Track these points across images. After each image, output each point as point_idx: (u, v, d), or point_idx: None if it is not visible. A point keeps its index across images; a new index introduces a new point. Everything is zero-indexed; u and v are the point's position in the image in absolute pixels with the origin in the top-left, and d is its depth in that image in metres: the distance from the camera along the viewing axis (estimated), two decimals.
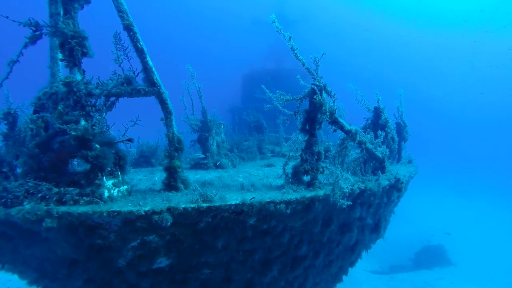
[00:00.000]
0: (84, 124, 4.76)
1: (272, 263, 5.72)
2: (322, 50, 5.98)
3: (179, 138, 5.50)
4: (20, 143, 7.29)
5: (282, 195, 5.01)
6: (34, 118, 6.19)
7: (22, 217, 3.99)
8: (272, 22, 5.40)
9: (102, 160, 4.54)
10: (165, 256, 4.90)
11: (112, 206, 4.18)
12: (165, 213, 4.14)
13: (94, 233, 4.29)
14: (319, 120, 5.80)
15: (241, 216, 4.69)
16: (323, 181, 5.91)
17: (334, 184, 5.43)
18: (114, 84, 4.99)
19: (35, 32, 4.69)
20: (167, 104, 5.38)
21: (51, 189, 4.38)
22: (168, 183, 5.41)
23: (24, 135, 7.32)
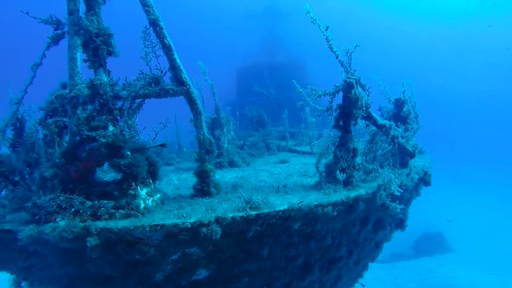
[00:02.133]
0: (113, 129, 4.37)
1: (311, 267, 5.45)
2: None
3: (210, 140, 5.15)
4: (29, 150, 6.85)
5: (327, 197, 4.73)
6: (49, 123, 5.77)
7: (58, 235, 3.61)
8: (306, 13, 5.04)
9: (135, 169, 4.17)
10: (204, 268, 4.58)
11: (153, 219, 3.83)
12: (214, 225, 3.81)
13: (134, 249, 3.94)
14: (355, 115, 5.51)
15: (287, 221, 4.39)
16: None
17: (384, 186, 5.14)
18: (142, 85, 4.59)
19: (56, 30, 4.25)
20: (197, 104, 5.01)
21: (84, 202, 4.00)
22: (200, 188, 5.08)
23: (33, 141, 6.90)
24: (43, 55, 4.60)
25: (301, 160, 10.78)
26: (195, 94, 4.96)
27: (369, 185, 5.72)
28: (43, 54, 4.58)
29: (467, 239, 27.71)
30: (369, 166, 5.78)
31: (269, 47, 35.15)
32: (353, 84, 5.34)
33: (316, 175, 6.83)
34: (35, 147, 6.88)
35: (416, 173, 6.79)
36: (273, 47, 34.98)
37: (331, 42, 5.52)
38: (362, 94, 5.50)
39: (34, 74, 4.84)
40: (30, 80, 4.86)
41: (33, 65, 4.74)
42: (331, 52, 5.65)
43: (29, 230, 3.67)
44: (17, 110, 5.33)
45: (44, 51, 4.55)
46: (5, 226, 3.96)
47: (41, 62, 4.73)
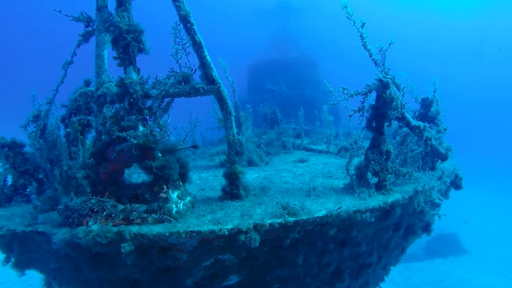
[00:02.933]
0: (143, 130, 4.20)
1: (342, 274, 5.26)
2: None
3: (240, 141, 4.97)
4: (50, 147, 6.76)
5: (364, 202, 4.52)
6: (73, 121, 5.65)
7: (92, 240, 3.47)
8: (343, 7, 4.81)
9: (167, 171, 4.00)
10: (236, 274, 4.41)
11: (188, 225, 3.67)
12: (253, 232, 3.62)
13: (167, 255, 3.78)
14: (389, 116, 5.27)
15: (323, 227, 4.20)
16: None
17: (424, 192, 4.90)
18: (172, 83, 4.42)
19: (87, 28, 4.09)
20: (227, 103, 4.83)
21: (116, 206, 3.85)
22: (230, 191, 4.90)
23: (55, 138, 6.80)
24: (74, 53, 4.46)
25: (320, 160, 10.56)
26: (225, 93, 4.78)
27: (401, 188, 5.49)
28: (74, 52, 4.45)
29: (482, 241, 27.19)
30: (402, 169, 5.54)
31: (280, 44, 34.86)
32: (388, 84, 5.10)
33: (342, 177, 6.66)
34: (57, 144, 6.80)
35: (447, 176, 6.53)
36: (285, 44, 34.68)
37: (365, 40, 5.29)
38: (397, 94, 5.25)
39: (65, 72, 4.71)
40: (61, 79, 4.73)
41: (65, 64, 4.61)
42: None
43: (63, 233, 3.54)
44: (49, 110, 5.19)
45: (75, 49, 4.40)
46: (38, 228, 3.83)
47: (72, 60, 4.59)
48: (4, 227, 3.89)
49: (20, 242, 4.01)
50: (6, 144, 5.97)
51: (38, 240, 3.94)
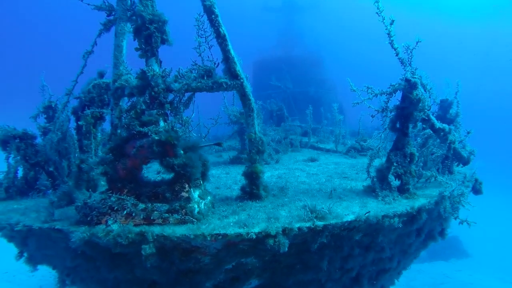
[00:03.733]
0: (164, 125, 4.02)
1: (362, 278, 5.10)
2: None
3: (261, 139, 4.79)
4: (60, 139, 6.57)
5: (391, 207, 4.34)
6: (87, 114, 5.47)
7: (113, 240, 3.30)
8: (374, 2, 4.61)
9: (190, 169, 3.82)
10: (257, 277, 4.25)
11: (214, 227, 3.49)
12: (281, 236, 3.45)
13: (190, 257, 3.62)
14: (415, 118, 5.08)
15: (350, 232, 4.03)
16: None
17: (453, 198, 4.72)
18: (195, 77, 4.23)
19: (109, 16, 3.89)
20: (250, 99, 4.64)
21: (137, 204, 3.67)
22: (250, 191, 4.73)
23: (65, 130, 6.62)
24: (94, 43, 4.27)
25: (330, 159, 10.39)
26: (248, 89, 4.60)
27: (423, 192, 5.32)
28: (95, 42, 4.25)
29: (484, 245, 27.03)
30: (426, 172, 5.36)
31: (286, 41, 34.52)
32: (416, 85, 4.90)
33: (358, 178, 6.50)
34: (66, 137, 6.63)
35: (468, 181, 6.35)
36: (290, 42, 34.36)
37: (393, 38, 5.08)
38: (425, 95, 5.06)
39: (85, 63, 4.52)
40: (81, 70, 4.54)
41: (85, 54, 4.42)
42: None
43: (82, 232, 3.37)
44: (68, 101, 5.01)
45: (96, 39, 4.21)
46: (56, 225, 3.66)
47: (92, 50, 4.40)
48: (21, 223, 3.72)
49: (37, 238, 3.85)
50: (18, 135, 5.79)
51: (55, 237, 3.77)
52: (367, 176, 5.50)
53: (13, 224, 3.76)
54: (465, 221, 4.74)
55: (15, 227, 3.70)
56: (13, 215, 4.12)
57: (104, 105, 5.89)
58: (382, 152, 5.85)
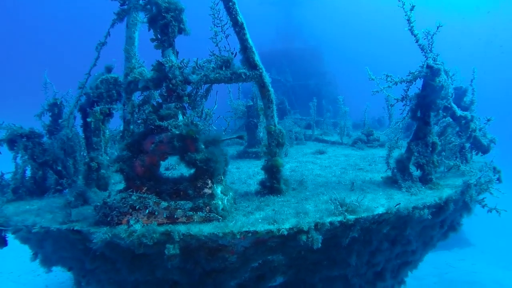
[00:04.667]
0: (183, 119, 3.84)
1: (385, 272, 4.98)
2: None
3: (281, 131, 4.61)
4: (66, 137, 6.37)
5: (420, 198, 4.20)
6: (96, 110, 5.27)
7: (137, 240, 3.13)
8: None
9: (213, 164, 3.65)
10: (282, 274, 4.10)
11: (242, 224, 3.33)
12: (313, 232, 3.30)
13: (217, 257, 3.46)
14: (438, 106, 4.93)
15: (380, 225, 3.88)
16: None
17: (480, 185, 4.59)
18: (213, 68, 4.04)
19: (122, 6, 3.69)
20: (269, 90, 4.46)
21: (159, 203, 3.50)
22: (270, 185, 4.57)
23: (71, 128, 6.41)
24: (108, 34, 4.06)
25: (338, 151, 10.26)
26: (267, 79, 4.41)
27: (444, 182, 5.19)
28: (108, 32, 4.05)
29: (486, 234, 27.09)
30: (449, 162, 5.22)
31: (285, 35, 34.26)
32: (439, 71, 4.74)
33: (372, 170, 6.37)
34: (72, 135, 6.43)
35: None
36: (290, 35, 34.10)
37: (413, 24, 4.89)
38: (448, 82, 4.90)
39: (98, 55, 4.31)
40: (94, 62, 4.33)
41: (98, 45, 4.21)
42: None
43: (104, 233, 3.19)
44: (81, 94, 4.80)
45: (109, 29, 4.00)
46: (75, 226, 3.48)
47: (105, 41, 4.19)
48: (37, 224, 3.54)
49: (53, 240, 3.67)
50: (25, 134, 5.59)
51: (73, 239, 3.60)
52: (386, 167, 5.37)
53: (30, 226, 3.58)
54: (494, 209, 4.60)
55: (32, 229, 3.52)
56: (28, 216, 3.94)
57: (113, 101, 5.69)
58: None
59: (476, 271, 21.14)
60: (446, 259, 23.18)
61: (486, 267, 21.89)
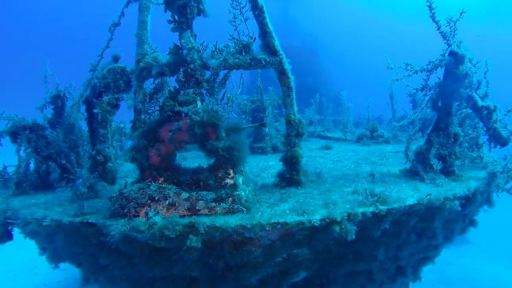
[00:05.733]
0: (202, 106, 3.62)
1: (407, 267, 4.80)
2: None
3: (300, 121, 4.41)
4: (67, 131, 6.13)
5: (449, 189, 4.03)
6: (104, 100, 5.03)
7: (159, 233, 2.91)
8: None
9: (236, 153, 3.44)
10: (305, 269, 3.91)
11: (271, 216, 3.12)
12: (346, 222, 3.10)
13: (242, 250, 3.25)
14: (461, 95, 4.76)
15: (409, 217, 3.70)
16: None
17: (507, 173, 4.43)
18: (233, 52, 3.82)
19: None
20: (289, 78, 4.25)
21: (180, 193, 3.28)
22: (289, 177, 4.37)
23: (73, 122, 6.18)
24: (122, 14, 3.83)
25: (344, 147, 10.10)
26: (287, 66, 4.20)
27: (465, 174, 5.02)
28: (122, 13, 3.81)
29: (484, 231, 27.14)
30: (472, 154, 5.06)
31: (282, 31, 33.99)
32: (463, 58, 4.57)
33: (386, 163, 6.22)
34: (74, 128, 6.18)
35: None
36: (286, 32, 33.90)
37: (434, 11, 4.72)
38: (472, 70, 4.73)
39: (112, 36, 4.06)
40: (107, 43, 4.09)
41: (111, 26, 3.97)
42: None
43: (122, 225, 2.97)
44: (92, 78, 4.55)
45: (123, 9, 3.77)
46: (89, 218, 3.25)
47: (119, 22, 3.95)
48: (48, 217, 3.30)
49: (65, 234, 3.43)
50: (28, 126, 5.32)
51: (86, 233, 3.36)
52: (399, 161, 5.20)
53: (40, 218, 3.34)
54: None
55: (42, 222, 3.28)
56: (36, 209, 3.70)
57: (120, 91, 5.44)
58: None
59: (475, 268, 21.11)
60: (445, 257, 23.10)
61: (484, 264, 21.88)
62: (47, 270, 12.53)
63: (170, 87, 4.19)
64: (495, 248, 24.77)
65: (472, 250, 24.67)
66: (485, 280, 19.16)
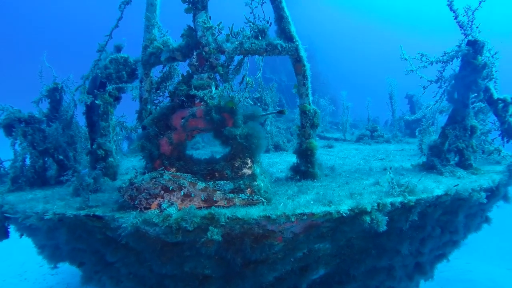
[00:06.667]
0: (217, 91, 3.39)
1: (425, 265, 4.61)
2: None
3: (316, 111, 4.21)
4: (65, 126, 5.83)
5: (473, 180, 3.86)
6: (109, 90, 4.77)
7: (176, 226, 2.65)
8: None
9: (256, 141, 3.21)
10: (325, 266, 3.68)
11: (295, 207, 2.90)
12: (376, 212, 2.89)
13: (263, 244, 3.01)
14: (480, 86, 4.62)
15: (435, 209, 3.51)
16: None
17: None
18: (248, 36, 3.61)
19: None
20: (305, 66, 4.05)
21: (195, 183, 3.03)
22: (305, 169, 4.15)
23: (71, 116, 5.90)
24: None
25: (346, 146, 9.96)
26: (303, 54, 4.00)
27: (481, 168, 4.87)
28: None
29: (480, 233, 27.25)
30: (489, 147, 4.91)
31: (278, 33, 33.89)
32: (483, 47, 4.43)
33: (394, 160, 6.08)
34: (72, 124, 5.88)
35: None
36: None
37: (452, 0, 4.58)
38: (491, 60, 4.60)
39: (121, 15, 3.82)
40: (116, 22, 3.83)
41: (121, 4, 3.72)
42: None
43: (135, 217, 2.71)
44: (99, 59, 4.28)
45: None
46: (95, 211, 2.97)
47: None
48: (50, 211, 3.01)
49: (68, 229, 3.14)
50: (24, 119, 5.02)
51: (92, 227, 3.08)
52: (408, 157, 5.04)
53: (41, 212, 3.06)
54: None
55: (44, 215, 3.00)
56: (35, 203, 3.41)
57: (122, 82, 5.18)
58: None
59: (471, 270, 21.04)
60: None
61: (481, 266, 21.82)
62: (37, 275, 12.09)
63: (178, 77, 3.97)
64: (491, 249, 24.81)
65: (468, 251, 24.59)
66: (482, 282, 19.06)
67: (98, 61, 4.24)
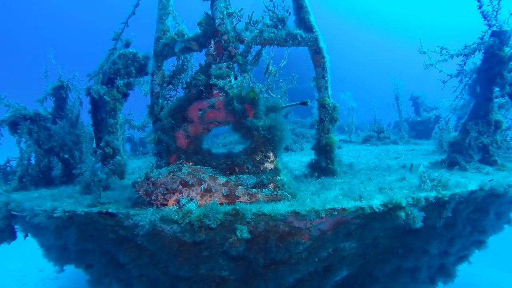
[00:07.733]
0: (237, 81, 3.21)
1: (449, 267, 4.39)
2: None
3: (335, 105, 4.02)
4: (71, 125, 5.66)
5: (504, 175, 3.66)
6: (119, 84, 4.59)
7: (198, 223, 2.45)
8: None
9: (279, 133, 3.02)
10: (348, 266, 3.47)
11: (325, 202, 2.69)
12: (411, 207, 2.69)
13: (288, 243, 2.80)
14: (505, 79, 4.43)
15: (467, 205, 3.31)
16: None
17: None
18: (267, 25, 3.43)
19: None
20: (324, 57, 3.87)
21: (216, 178, 2.83)
22: (325, 166, 3.95)
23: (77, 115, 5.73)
24: None
25: (353, 147, 9.78)
26: (323, 45, 3.82)
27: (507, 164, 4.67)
28: None
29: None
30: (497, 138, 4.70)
31: None
32: (508, 38, 4.26)
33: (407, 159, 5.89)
34: (78, 122, 5.71)
35: None
36: None
37: None
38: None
39: (138, 1, 3.64)
40: (133, 9, 3.67)
41: None
42: None
43: (152, 214, 2.50)
44: (115, 48, 4.11)
45: None
46: (108, 207, 2.77)
47: None
48: (59, 208, 2.81)
49: (78, 228, 2.93)
50: (29, 117, 4.83)
51: (103, 225, 2.88)
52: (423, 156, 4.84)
53: (49, 210, 2.85)
54: None
55: (53, 213, 2.79)
56: (43, 201, 3.20)
57: (131, 78, 5.01)
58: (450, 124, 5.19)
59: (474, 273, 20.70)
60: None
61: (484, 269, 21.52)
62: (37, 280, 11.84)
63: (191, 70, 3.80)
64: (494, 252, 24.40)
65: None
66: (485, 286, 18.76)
67: (113, 50, 4.06)
